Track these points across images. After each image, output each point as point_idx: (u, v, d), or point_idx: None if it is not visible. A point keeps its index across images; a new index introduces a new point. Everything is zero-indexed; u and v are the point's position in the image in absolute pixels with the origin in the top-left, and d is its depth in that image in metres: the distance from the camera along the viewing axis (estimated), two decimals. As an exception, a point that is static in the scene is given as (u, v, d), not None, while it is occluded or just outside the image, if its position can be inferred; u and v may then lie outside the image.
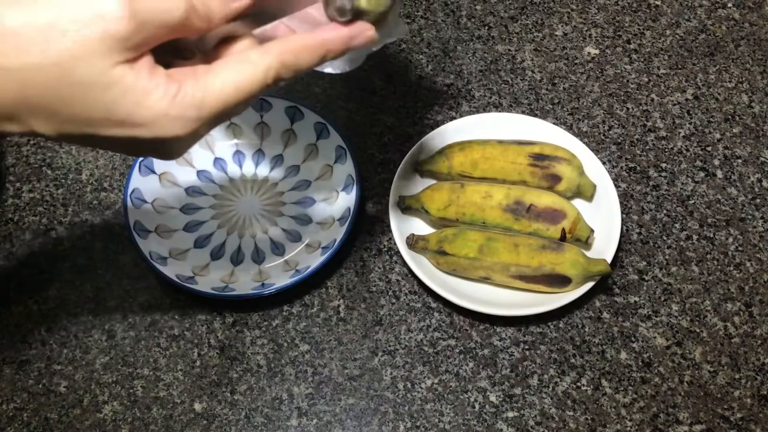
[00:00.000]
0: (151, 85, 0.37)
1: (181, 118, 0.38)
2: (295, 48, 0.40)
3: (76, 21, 0.35)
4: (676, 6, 0.80)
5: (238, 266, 0.65)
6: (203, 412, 0.60)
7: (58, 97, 0.36)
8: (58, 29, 0.35)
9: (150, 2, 0.37)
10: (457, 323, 0.63)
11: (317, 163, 0.69)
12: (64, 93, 0.36)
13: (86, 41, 0.35)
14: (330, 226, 0.65)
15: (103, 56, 0.36)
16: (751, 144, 0.72)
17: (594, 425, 0.59)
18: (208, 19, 0.39)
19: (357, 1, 0.41)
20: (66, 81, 0.36)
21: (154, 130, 0.38)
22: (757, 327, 0.63)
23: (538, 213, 0.63)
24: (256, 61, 0.39)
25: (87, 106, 0.37)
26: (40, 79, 0.36)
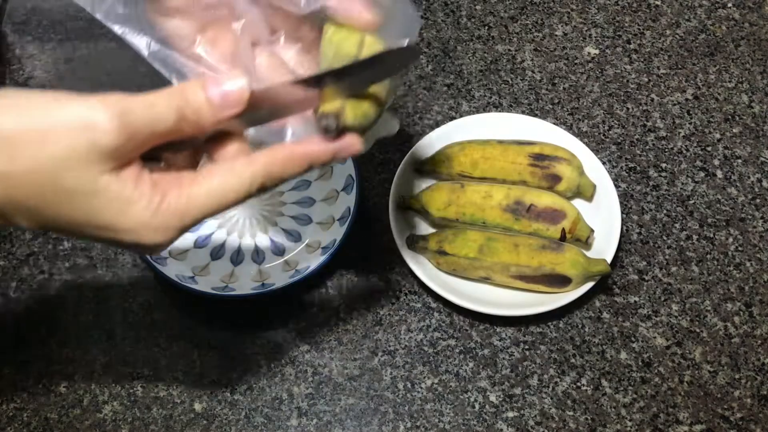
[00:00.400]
0: (136, 195, 0.38)
1: (162, 228, 0.39)
2: (282, 160, 0.41)
3: (67, 130, 0.36)
4: (676, 6, 0.80)
5: (238, 266, 0.65)
6: (203, 412, 0.60)
7: (44, 200, 0.37)
8: (49, 137, 0.36)
9: (140, 113, 0.38)
10: (457, 323, 0.63)
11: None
12: (50, 198, 0.37)
13: (75, 151, 0.36)
14: (330, 226, 0.65)
15: (90, 166, 0.37)
16: (751, 144, 0.72)
17: (594, 425, 0.59)
18: (198, 126, 0.40)
19: (343, 120, 0.41)
20: (53, 187, 0.37)
21: (135, 237, 0.39)
22: (757, 327, 0.63)
23: (538, 213, 0.63)
24: (241, 173, 0.40)
25: (71, 210, 0.38)
26: (28, 184, 0.37)
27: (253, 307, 0.64)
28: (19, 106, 0.37)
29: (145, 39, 0.46)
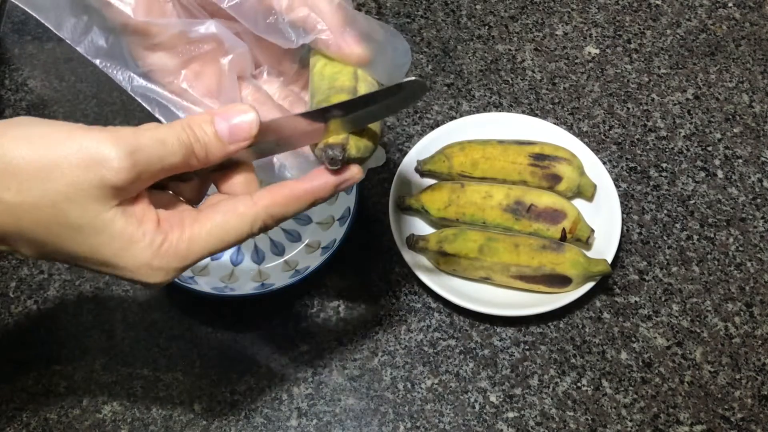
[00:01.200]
0: (138, 234, 0.38)
1: (162, 269, 0.39)
2: (284, 200, 0.41)
3: (76, 166, 0.36)
4: (676, 5, 0.80)
5: (237, 266, 0.65)
6: (203, 412, 0.59)
7: (49, 233, 0.38)
8: (58, 171, 0.36)
9: (150, 149, 0.38)
10: (457, 323, 0.63)
11: None
12: (55, 231, 0.38)
13: (83, 186, 0.37)
14: (330, 226, 0.65)
15: (97, 201, 0.37)
16: (751, 144, 0.72)
17: (594, 425, 0.58)
18: (206, 160, 0.40)
19: (348, 152, 0.42)
20: (58, 220, 0.37)
21: (135, 275, 0.39)
22: (757, 327, 0.62)
23: (538, 213, 0.63)
24: (243, 214, 0.40)
25: (75, 244, 0.38)
26: (34, 216, 0.37)
27: (253, 307, 0.64)
28: (31, 138, 0.37)
29: (128, 73, 0.46)
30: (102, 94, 0.75)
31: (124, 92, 0.76)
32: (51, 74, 0.77)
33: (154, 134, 0.38)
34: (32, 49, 0.78)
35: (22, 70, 0.77)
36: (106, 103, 0.75)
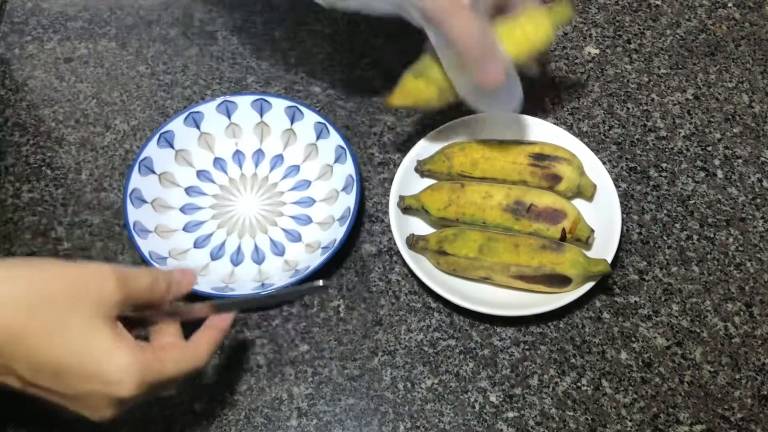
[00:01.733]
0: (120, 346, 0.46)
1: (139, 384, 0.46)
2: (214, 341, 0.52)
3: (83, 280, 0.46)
4: (676, 6, 0.80)
5: (237, 266, 0.65)
6: (203, 412, 0.59)
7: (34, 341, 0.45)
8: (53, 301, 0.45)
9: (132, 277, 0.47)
10: (457, 323, 0.63)
11: (317, 162, 0.69)
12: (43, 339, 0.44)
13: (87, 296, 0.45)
14: (330, 226, 0.65)
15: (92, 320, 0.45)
16: (751, 144, 0.72)
17: (594, 425, 0.59)
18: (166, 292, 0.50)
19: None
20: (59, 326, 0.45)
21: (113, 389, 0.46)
22: (757, 327, 0.63)
23: (538, 213, 0.63)
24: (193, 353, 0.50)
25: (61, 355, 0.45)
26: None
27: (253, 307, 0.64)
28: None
29: None
30: (102, 94, 0.75)
31: (125, 92, 0.77)
32: (51, 74, 0.77)
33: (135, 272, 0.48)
34: (32, 49, 0.79)
35: (22, 70, 0.77)
36: (107, 103, 0.75)
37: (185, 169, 0.69)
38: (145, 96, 0.75)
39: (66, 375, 0.44)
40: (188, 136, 0.69)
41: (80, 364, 0.44)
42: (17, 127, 0.73)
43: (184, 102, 0.74)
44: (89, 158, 0.71)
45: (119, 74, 0.77)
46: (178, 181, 0.68)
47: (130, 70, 0.77)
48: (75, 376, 0.44)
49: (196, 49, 0.78)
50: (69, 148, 0.72)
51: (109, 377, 0.44)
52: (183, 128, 0.68)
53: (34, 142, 0.72)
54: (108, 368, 0.44)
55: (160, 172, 0.67)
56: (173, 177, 0.68)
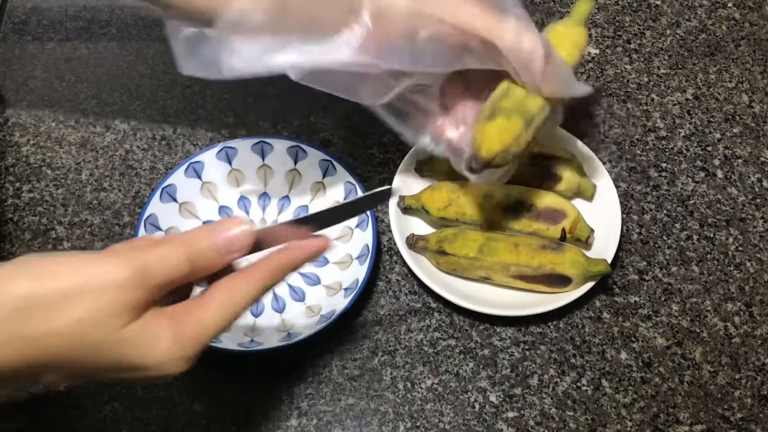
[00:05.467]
0: (158, 333, 0.41)
1: (183, 358, 0.42)
2: (273, 270, 0.45)
3: (93, 291, 0.39)
4: (676, 6, 0.80)
5: (258, 317, 0.63)
6: (203, 412, 0.60)
7: (74, 358, 0.40)
8: (76, 299, 0.39)
9: (157, 268, 0.41)
10: (457, 323, 0.63)
11: (326, 200, 0.66)
12: (81, 352, 0.40)
13: (101, 309, 0.40)
14: (349, 265, 0.63)
15: (113, 320, 0.40)
16: (751, 144, 0.72)
17: (594, 425, 0.59)
18: (206, 271, 0.44)
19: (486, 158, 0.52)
20: (81, 343, 0.40)
21: (163, 370, 0.42)
22: (757, 327, 0.63)
23: (538, 213, 0.63)
24: (241, 289, 0.44)
25: (98, 361, 0.41)
26: (56, 345, 0.40)
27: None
28: (42, 274, 0.40)
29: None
30: (102, 94, 0.75)
31: (125, 92, 0.77)
32: (51, 74, 0.77)
33: (158, 253, 0.42)
34: (32, 49, 0.79)
35: (23, 71, 0.77)
36: (107, 103, 0.75)
37: (191, 221, 0.66)
38: (145, 96, 0.75)
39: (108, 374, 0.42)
40: (190, 187, 0.66)
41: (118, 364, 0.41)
42: (18, 127, 0.73)
43: (184, 102, 0.74)
44: (89, 158, 0.71)
45: (119, 74, 0.77)
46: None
47: (130, 70, 0.77)
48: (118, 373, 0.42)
49: (196, 49, 0.78)
50: (69, 148, 0.72)
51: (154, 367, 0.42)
52: (184, 180, 0.66)
53: (35, 142, 0.72)
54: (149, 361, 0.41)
55: (166, 228, 0.65)
56: (180, 232, 0.64)
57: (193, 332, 0.42)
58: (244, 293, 0.44)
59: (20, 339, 0.39)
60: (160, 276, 0.41)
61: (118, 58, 0.78)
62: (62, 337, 0.39)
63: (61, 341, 0.40)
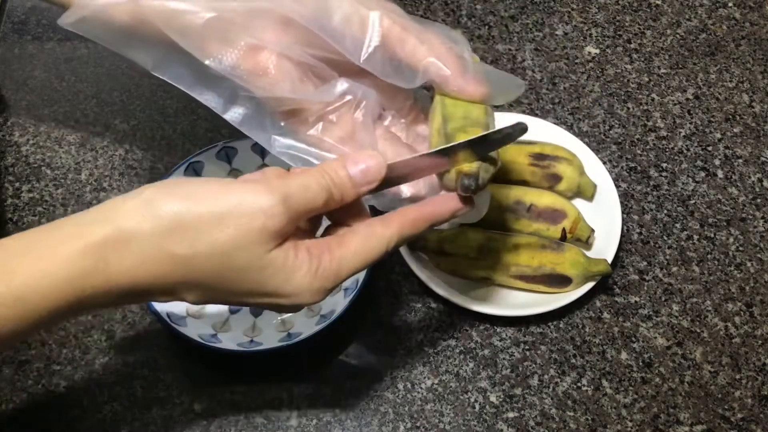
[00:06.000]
0: (297, 263, 0.42)
1: (320, 290, 0.43)
2: (412, 220, 0.45)
3: (241, 215, 0.40)
4: (676, 5, 0.80)
5: (258, 318, 0.63)
6: (203, 412, 0.59)
7: (217, 279, 0.42)
8: (225, 223, 0.40)
9: (298, 196, 0.42)
10: (457, 323, 0.63)
11: None
12: (224, 276, 0.42)
13: (249, 233, 0.41)
14: None
15: (260, 245, 0.41)
16: (751, 144, 0.72)
17: (594, 426, 0.58)
18: (341, 202, 0.44)
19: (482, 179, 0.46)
20: (226, 266, 0.41)
21: (297, 300, 0.43)
22: (757, 327, 0.62)
23: (538, 213, 0.63)
24: (380, 234, 0.44)
25: (241, 284, 0.42)
26: (205, 265, 0.41)
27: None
28: (195, 195, 0.41)
29: (268, 135, 0.51)
30: (102, 94, 0.75)
31: (125, 92, 0.77)
32: (51, 74, 0.77)
33: (299, 181, 0.43)
34: (32, 49, 0.78)
35: (22, 70, 0.77)
36: (106, 103, 0.75)
37: None
38: (145, 96, 0.75)
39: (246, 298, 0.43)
40: None
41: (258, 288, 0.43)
42: (17, 127, 0.73)
43: (184, 102, 0.74)
44: (89, 158, 0.71)
45: (119, 74, 0.77)
46: None
47: (130, 70, 0.77)
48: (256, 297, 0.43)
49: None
50: (69, 147, 0.72)
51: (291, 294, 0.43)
52: None
53: (34, 141, 0.72)
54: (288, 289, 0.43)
55: None
56: None
57: (331, 268, 0.43)
58: (381, 239, 0.44)
59: (170, 257, 0.40)
60: (302, 204, 0.42)
61: (117, 58, 0.78)
62: (210, 258, 0.40)
63: (208, 262, 0.41)
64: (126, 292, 0.41)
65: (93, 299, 0.40)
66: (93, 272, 0.39)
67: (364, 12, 0.48)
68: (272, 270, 0.42)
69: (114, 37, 0.52)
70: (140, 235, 0.40)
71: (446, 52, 0.49)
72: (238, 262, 0.41)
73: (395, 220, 0.45)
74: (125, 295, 0.41)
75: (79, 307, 0.40)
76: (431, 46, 0.49)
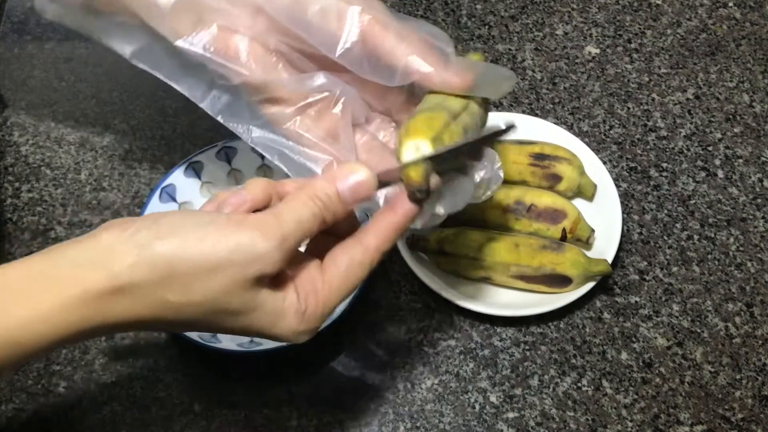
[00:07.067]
0: (285, 307, 0.42)
1: (307, 331, 0.44)
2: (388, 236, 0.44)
3: (237, 264, 0.40)
4: (676, 5, 0.80)
5: None
6: (203, 412, 0.59)
7: (208, 320, 0.42)
8: (220, 271, 0.40)
9: (293, 234, 0.41)
10: (457, 323, 0.63)
11: None
12: (212, 318, 0.42)
13: (243, 281, 0.40)
14: None
15: (253, 289, 0.41)
16: (752, 144, 0.71)
17: (595, 426, 0.58)
18: (332, 222, 0.44)
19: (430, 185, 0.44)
20: (217, 309, 0.41)
21: (284, 340, 0.44)
22: (758, 327, 0.62)
23: (538, 213, 0.63)
24: (361, 262, 0.43)
25: (230, 324, 0.42)
26: (196, 310, 0.41)
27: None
28: (188, 239, 0.40)
29: (246, 126, 0.50)
30: (102, 94, 0.75)
31: (124, 92, 0.77)
32: (51, 74, 0.77)
33: (292, 216, 0.42)
34: (32, 48, 0.78)
35: (21, 70, 0.77)
36: (106, 102, 0.75)
37: None
38: (145, 96, 0.75)
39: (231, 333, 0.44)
40: (190, 187, 0.66)
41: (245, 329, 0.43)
42: (17, 127, 0.73)
43: (184, 102, 0.74)
44: (89, 158, 0.71)
45: (119, 74, 0.76)
46: None
47: (129, 69, 0.77)
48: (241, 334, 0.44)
49: (195, 48, 0.78)
50: (68, 147, 0.72)
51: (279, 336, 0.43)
52: (184, 180, 0.65)
53: (34, 141, 0.72)
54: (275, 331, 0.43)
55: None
56: None
57: (317, 312, 0.43)
58: (362, 266, 0.44)
59: (164, 303, 0.40)
60: (298, 240, 0.42)
61: (117, 58, 0.77)
62: (203, 304, 0.41)
63: (200, 308, 0.41)
64: (120, 328, 0.42)
65: (87, 336, 0.41)
66: (90, 318, 0.40)
67: (342, 6, 0.47)
68: (261, 313, 0.42)
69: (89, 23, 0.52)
70: (135, 284, 0.40)
71: (427, 48, 0.48)
72: (230, 307, 0.41)
73: (372, 241, 0.44)
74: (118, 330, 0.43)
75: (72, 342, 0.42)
76: (411, 42, 0.48)
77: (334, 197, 0.43)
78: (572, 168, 0.65)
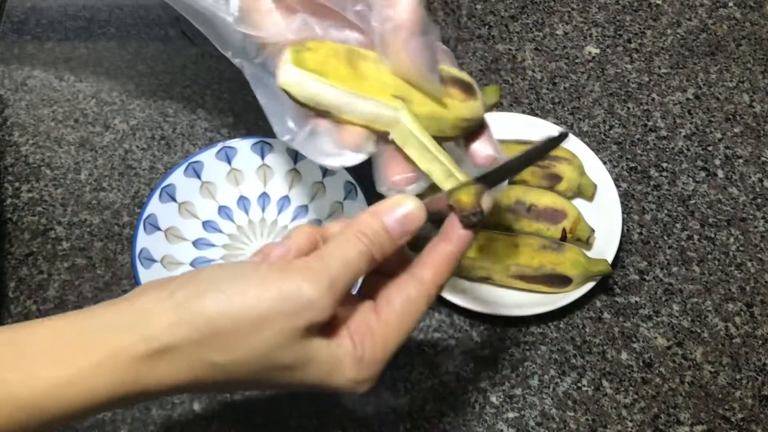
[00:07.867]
0: (341, 355, 0.39)
1: (367, 380, 0.40)
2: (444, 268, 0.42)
3: (284, 315, 0.37)
4: (677, 5, 0.80)
5: None
6: (203, 412, 0.59)
7: (258, 378, 0.39)
8: (266, 325, 0.37)
9: (342, 277, 0.38)
10: (457, 323, 0.63)
11: (326, 201, 0.66)
12: (265, 374, 0.39)
13: (292, 333, 0.37)
14: None
15: (304, 339, 0.38)
16: (752, 144, 0.71)
17: (595, 426, 0.58)
18: (382, 260, 0.41)
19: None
20: (268, 365, 0.38)
21: (343, 391, 0.40)
22: (758, 327, 0.62)
23: (538, 213, 0.63)
24: (417, 299, 0.41)
25: (284, 379, 0.39)
26: (243, 369, 0.38)
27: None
28: (230, 296, 0.37)
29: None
30: (102, 93, 0.75)
31: (124, 92, 0.77)
32: (51, 74, 0.77)
33: (339, 257, 0.39)
34: (32, 48, 0.78)
35: (21, 70, 0.77)
36: (106, 102, 0.75)
37: (191, 221, 0.66)
38: (145, 96, 0.75)
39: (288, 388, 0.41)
40: (190, 187, 0.66)
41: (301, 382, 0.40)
42: (17, 127, 0.73)
43: (183, 102, 0.74)
44: (88, 158, 0.71)
45: (119, 74, 0.76)
46: (185, 235, 0.65)
47: (129, 69, 0.77)
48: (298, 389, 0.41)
49: (195, 48, 0.78)
50: (68, 147, 0.72)
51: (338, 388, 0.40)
52: (184, 180, 0.66)
53: (34, 141, 0.72)
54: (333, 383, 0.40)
55: (165, 228, 0.64)
56: (179, 231, 0.65)
57: (377, 356, 0.40)
58: (418, 304, 0.41)
59: (207, 365, 0.38)
60: (348, 283, 0.39)
61: (117, 58, 0.78)
62: (250, 362, 0.38)
63: (248, 366, 0.38)
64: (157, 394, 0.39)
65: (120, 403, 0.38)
66: (123, 383, 0.37)
67: None
68: (315, 364, 0.39)
69: None
70: (175, 346, 0.37)
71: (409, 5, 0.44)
72: (281, 362, 0.38)
73: (426, 274, 0.41)
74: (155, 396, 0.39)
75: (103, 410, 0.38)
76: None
77: (381, 232, 0.40)
78: (572, 168, 0.65)
